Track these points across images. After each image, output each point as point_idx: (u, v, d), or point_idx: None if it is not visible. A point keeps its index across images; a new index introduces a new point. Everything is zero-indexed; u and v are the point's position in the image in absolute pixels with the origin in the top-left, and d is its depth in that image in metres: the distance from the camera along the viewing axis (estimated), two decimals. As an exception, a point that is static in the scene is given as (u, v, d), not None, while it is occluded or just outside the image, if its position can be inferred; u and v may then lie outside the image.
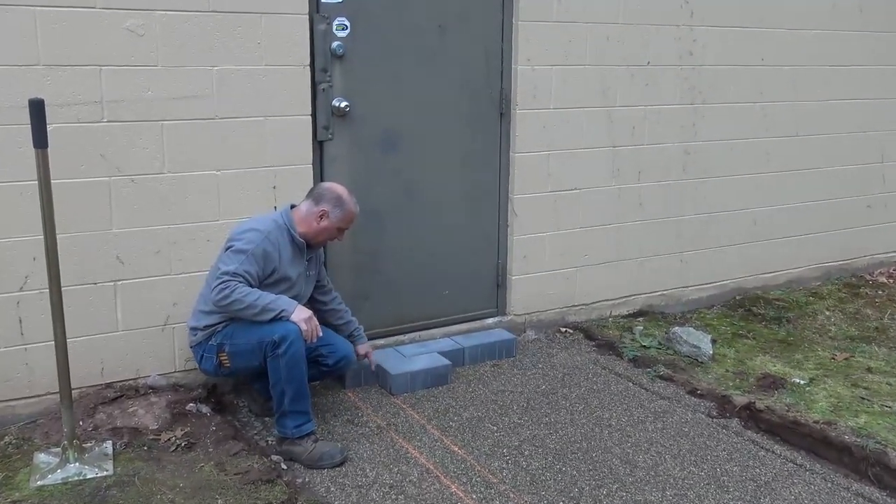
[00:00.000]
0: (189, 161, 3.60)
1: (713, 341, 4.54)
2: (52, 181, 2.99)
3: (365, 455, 3.39)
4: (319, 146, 3.94)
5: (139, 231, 3.56)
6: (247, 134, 3.69)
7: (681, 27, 4.74)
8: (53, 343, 3.11)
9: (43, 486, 3.02)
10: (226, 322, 3.35)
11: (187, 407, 3.58)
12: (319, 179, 3.88)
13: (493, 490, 3.16)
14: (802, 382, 4.09)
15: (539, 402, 3.91)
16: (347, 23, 3.87)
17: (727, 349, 4.55)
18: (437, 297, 4.42)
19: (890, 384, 4.09)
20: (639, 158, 4.79)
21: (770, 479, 3.29)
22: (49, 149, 2.96)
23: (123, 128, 3.45)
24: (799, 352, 4.54)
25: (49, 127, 3.00)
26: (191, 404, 3.61)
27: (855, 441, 3.45)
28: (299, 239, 3.43)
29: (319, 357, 3.53)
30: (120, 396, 3.56)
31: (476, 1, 4.20)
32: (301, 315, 3.26)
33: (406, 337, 4.33)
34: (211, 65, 3.57)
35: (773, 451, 3.52)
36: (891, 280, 5.82)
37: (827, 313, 5.14)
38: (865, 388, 4.03)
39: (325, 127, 3.92)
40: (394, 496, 3.09)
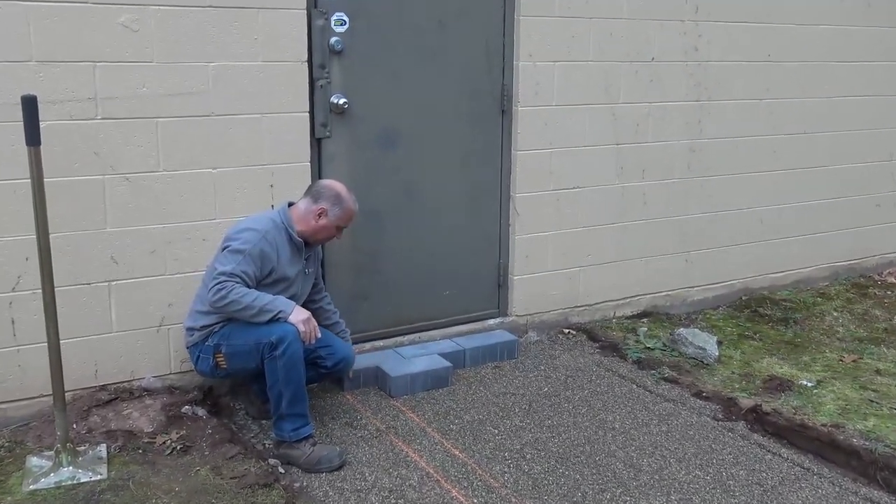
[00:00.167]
0: (184, 159, 3.60)
1: (719, 343, 4.54)
2: (45, 179, 2.99)
3: (364, 459, 3.39)
4: (317, 144, 3.94)
5: (134, 230, 3.56)
6: (243, 131, 3.69)
7: (686, 22, 4.74)
8: (46, 344, 3.10)
9: (36, 491, 3.02)
10: (223, 323, 3.35)
11: (183, 409, 3.58)
12: (317, 178, 3.87)
13: (495, 494, 3.16)
14: (810, 385, 4.09)
15: (541, 405, 3.91)
16: (346, 18, 3.88)
17: (733, 351, 4.55)
18: (438, 298, 4.42)
19: (899, 386, 4.09)
20: (643, 156, 4.79)
21: (777, 484, 3.29)
22: (42, 146, 2.96)
23: (118, 125, 3.45)
24: (806, 353, 4.54)
25: (42, 124, 3.00)
26: (186, 407, 3.61)
27: (863, 444, 3.45)
28: (297, 238, 3.43)
29: (318, 359, 3.53)
30: (114, 399, 3.56)
31: (477, -4, 4.21)
32: (299, 316, 3.27)
33: (406, 338, 4.34)
34: (207, 61, 3.56)
35: (780, 455, 3.52)
36: (900, 280, 5.83)
37: (835, 314, 5.14)
38: (874, 391, 4.03)
39: (324, 124, 3.92)
40: (393, 501, 3.09)
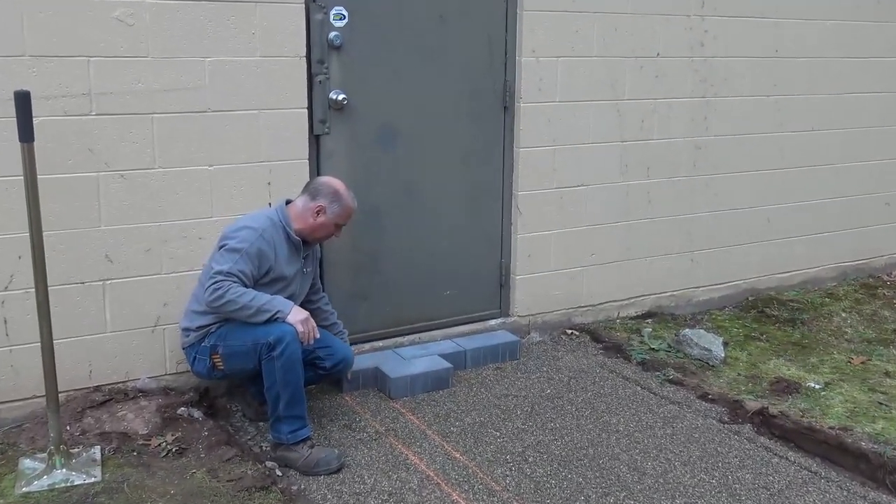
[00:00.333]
0: (180, 156, 3.60)
1: (725, 344, 4.54)
2: (39, 176, 3.00)
3: (363, 461, 3.39)
4: (316, 141, 3.94)
5: (129, 228, 3.56)
6: (240, 128, 3.69)
7: (692, 17, 4.74)
8: (39, 344, 3.11)
9: (28, 493, 3.03)
10: (219, 323, 3.35)
11: (178, 411, 3.58)
12: (316, 175, 3.87)
13: (496, 498, 3.16)
14: (817, 387, 4.09)
15: (544, 407, 3.91)
16: (345, 12, 3.87)
17: (739, 352, 4.54)
18: (438, 298, 4.42)
19: (908, 389, 4.09)
20: (648, 154, 4.78)
21: (784, 488, 3.29)
22: (35, 143, 2.96)
23: (112, 121, 3.45)
24: (814, 355, 4.54)
25: (35, 120, 3.00)
26: (182, 408, 3.61)
27: (872, 448, 3.45)
28: (295, 236, 3.43)
29: (317, 360, 3.54)
30: (108, 400, 3.56)
31: (479, -11, 4.21)
32: (297, 316, 3.27)
33: (406, 339, 4.34)
34: (203, 56, 3.56)
35: (787, 458, 3.51)
36: (909, 280, 5.83)
37: (843, 315, 5.14)
38: (883, 393, 4.03)
39: (322, 121, 3.92)
40: (393, 504, 3.10)
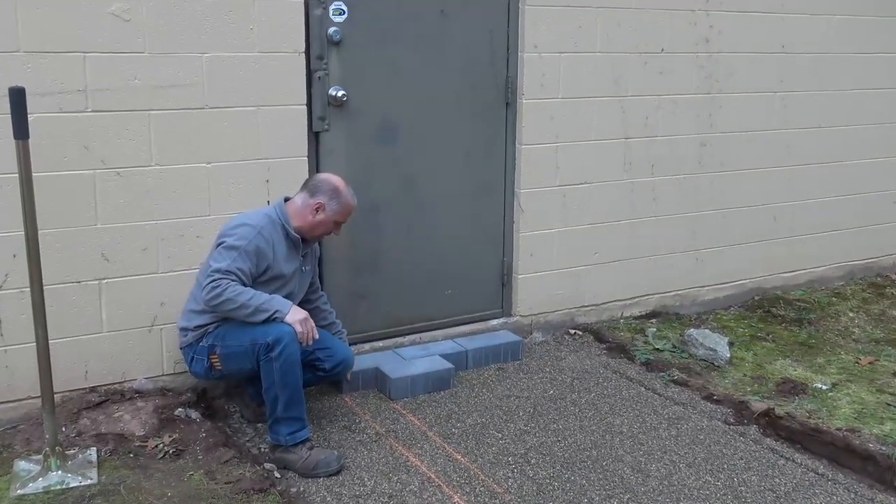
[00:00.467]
0: (178, 153, 3.60)
1: (730, 344, 4.53)
2: (34, 174, 2.99)
3: (363, 463, 3.39)
4: (315, 137, 3.94)
5: (125, 227, 3.56)
6: (238, 124, 3.69)
7: (696, 12, 4.73)
8: (35, 345, 3.11)
9: (23, 496, 3.03)
10: (218, 322, 3.35)
11: (176, 412, 3.58)
12: (315, 173, 3.87)
13: (498, 500, 3.16)
14: (824, 388, 4.08)
15: (546, 408, 3.91)
16: (345, 7, 3.87)
17: (745, 352, 4.54)
18: (439, 297, 4.42)
19: (917, 389, 4.09)
20: (652, 151, 4.78)
21: (790, 490, 3.28)
22: (30, 140, 2.96)
23: (108, 118, 3.45)
24: (821, 355, 4.53)
25: (30, 117, 3.00)
26: (179, 409, 3.61)
27: (880, 449, 3.45)
28: (294, 234, 3.43)
29: (316, 361, 3.54)
30: (105, 401, 3.56)
31: (480, -16, 4.21)
32: (296, 316, 3.26)
33: (406, 339, 4.33)
34: (200, 51, 3.56)
35: (794, 460, 3.51)
36: (918, 280, 5.82)
37: (850, 315, 5.14)
38: (891, 394, 4.02)
39: (321, 117, 3.91)
40: (393, 507, 3.10)
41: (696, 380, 4.19)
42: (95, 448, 3.31)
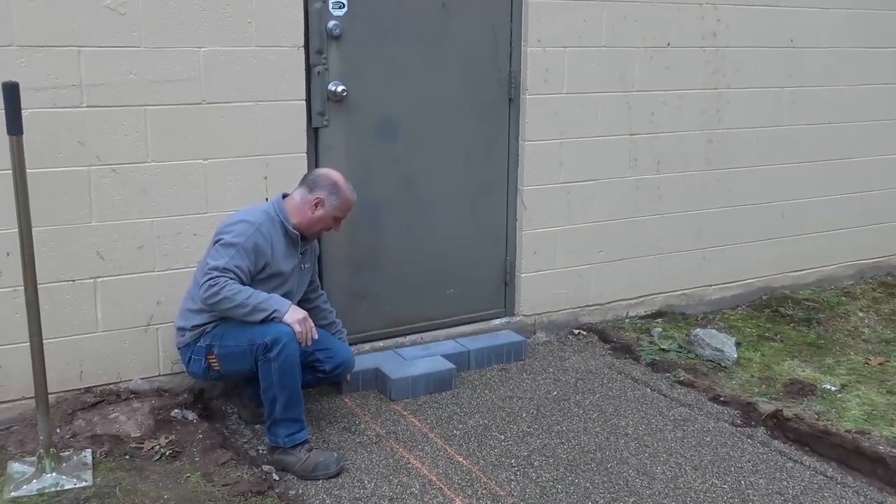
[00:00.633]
0: (174, 149, 3.59)
1: (737, 344, 4.53)
2: (28, 171, 2.99)
3: (363, 465, 3.39)
4: (314, 133, 3.93)
5: (121, 224, 3.56)
6: (236, 120, 3.69)
7: (704, 6, 4.72)
8: (29, 344, 3.11)
9: (17, 498, 3.02)
10: (216, 322, 3.35)
11: (172, 413, 3.58)
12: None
13: (501, 503, 3.15)
14: (833, 389, 4.08)
15: (550, 409, 3.90)
16: (345, 1, 3.87)
17: (752, 353, 4.54)
18: (441, 297, 4.42)
19: (928, 391, 4.08)
20: (658, 147, 4.77)
21: (798, 493, 3.28)
22: (24, 136, 2.96)
23: (104, 113, 3.45)
24: (830, 356, 4.53)
25: (24, 112, 3.00)
26: (176, 410, 3.61)
27: (890, 452, 3.44)
28: (293, 230, 3.43)
29: (316, 362, 3.53)
30: (100, 402, 3.56)
31: (483, -23, 4.20)
32: (295, 316, 3.26)
33: (407, 339, 4.33)
34: (197, 46, 3.56)
35: (802, 463, 3.51)
36: (929, 279, 5.81)
37: (860, 314, 5.13)
38: (901, 395, 4.02)
39: (321, 113, 3.91)
40: (393, 510, 3.10)
41: (703, 381, 4.19)
42: (90, 449, 3.31)
